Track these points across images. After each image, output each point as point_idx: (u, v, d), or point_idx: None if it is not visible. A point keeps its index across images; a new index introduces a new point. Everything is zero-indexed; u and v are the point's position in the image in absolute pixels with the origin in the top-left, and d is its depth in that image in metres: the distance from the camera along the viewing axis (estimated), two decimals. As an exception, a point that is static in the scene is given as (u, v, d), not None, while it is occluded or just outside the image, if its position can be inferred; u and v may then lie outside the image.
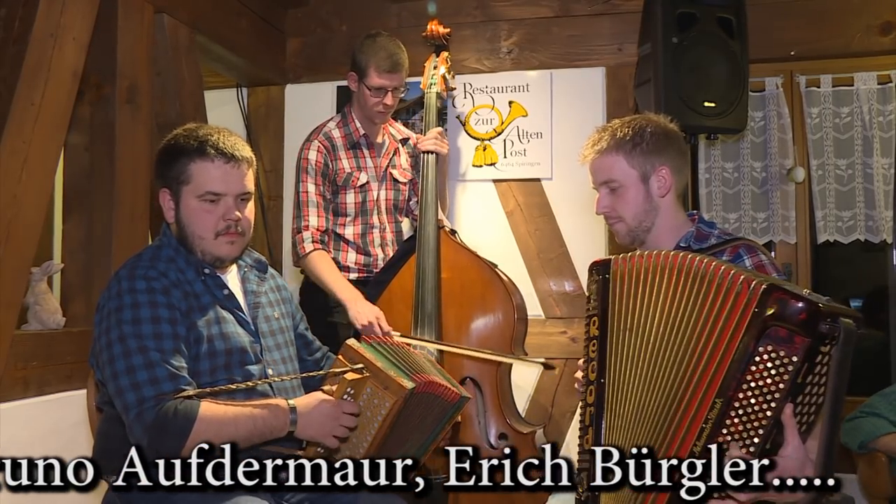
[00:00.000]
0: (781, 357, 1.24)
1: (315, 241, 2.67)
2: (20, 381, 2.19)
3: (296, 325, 1.99)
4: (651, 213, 1.77)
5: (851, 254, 3.78)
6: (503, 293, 2.57)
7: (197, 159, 1.71)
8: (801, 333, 1.23)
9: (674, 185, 1.77)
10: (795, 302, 1.24)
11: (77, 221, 2.53)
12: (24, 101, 2.16)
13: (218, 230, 1.74)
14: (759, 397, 1.26)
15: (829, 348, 1.24)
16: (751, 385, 1.27)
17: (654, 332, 1.44)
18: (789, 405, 1.25)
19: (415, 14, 3.52)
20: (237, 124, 3.66)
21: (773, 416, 1.26)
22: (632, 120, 1.80)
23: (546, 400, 3.33)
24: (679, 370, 1.38)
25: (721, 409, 1.28)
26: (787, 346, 1.24)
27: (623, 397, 1.48)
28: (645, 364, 1.45)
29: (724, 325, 1.32)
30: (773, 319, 1.25)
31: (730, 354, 1.30)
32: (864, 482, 2.78)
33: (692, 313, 1.39)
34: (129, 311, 1.62)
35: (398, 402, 1.69)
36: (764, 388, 1.26)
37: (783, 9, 3.24)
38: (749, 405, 1.27)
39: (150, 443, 1.53)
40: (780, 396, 1.25)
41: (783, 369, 1.24)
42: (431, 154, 2.79)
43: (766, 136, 3.33)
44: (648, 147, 1.75)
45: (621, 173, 1.76)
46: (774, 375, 1.25)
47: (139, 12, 2.64)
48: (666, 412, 1.39)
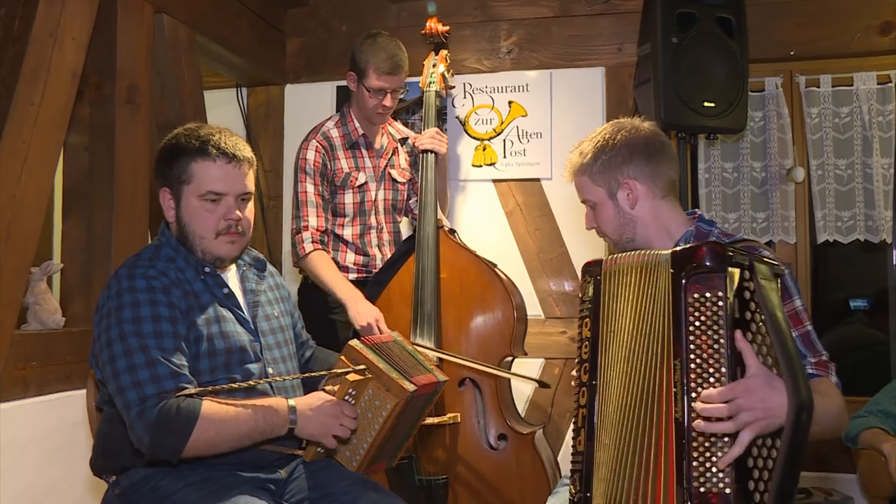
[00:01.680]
0: (708, 297, 1.37)
1: (315, 241, 2.67)
2: (20, 381, 2.19)
3: (294, 324, 2.00)
4: (628, 226, 1.75)
5: (851, 254, 3.78)
6: (503, 293, 2.57)
7: (199, 159, 1.72)
8: (714, 270, 1.37)
9: (647, 192, 1.73)
10: (699, 249, 1.39)
11: (77, 221, 2.53)
12: (23, 100, 2.16)
13: (219, 230, 1.74)
14: (706, 338, 1.36)
15: (751, 283, 1.37)
16: (696, 333, 1.37)
17: (629, 331, 1.48)
18: (738, 332, 1.34)
19: (414, 14, 3.52)
20: (237, 124, 3.66)
21: (726, 349, 1.34)
22: (598, 134, 1.78)
23: (545, 400, 3.33)
24: (646, 362, 1.43)
25: (682, 367, 1.36)
26: (709, 286, 1.37)
27: (609, 398, 1.49)
28: (623, 363, 1.48)
29: (658, 297, 1.43)
30: (687, 270, 1.39)
31: (671, 318, 1.40)
32: (864, 482, 2.78)
33: (644, 302, 1.46)
34: (130, 309, 1.62)
35: (399, 404, 1.70)
36: (707, 329, 1.36)
37: (783, 9, 3.24)
38: (702, 349, 1.36)
39: (152, 441, 1.53)
40: (724, 331, 1.34)
41: (715, 306, 1.36)
42: (430, 153, 2.79)
43: (766, 136, 3.33)
44: (609, 163, 1.73)
45: (592, 193, 1.77)
46: (711, 315, 1.36)
47: (139, 12, 2.64)
48: (643, 408, 1.42)
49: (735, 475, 1.30)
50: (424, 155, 2.79)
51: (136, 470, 1.66)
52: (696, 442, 1.33)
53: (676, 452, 1.34)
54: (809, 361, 1.58)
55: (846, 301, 4.18)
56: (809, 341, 1.60)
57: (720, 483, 1.30)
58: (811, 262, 3.37)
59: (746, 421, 1.30)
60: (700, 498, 1.30)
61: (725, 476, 1.31)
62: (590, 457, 1.50)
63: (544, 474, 2.44)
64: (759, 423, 1.31)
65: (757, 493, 1.31)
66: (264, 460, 1.73)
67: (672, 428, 1.36)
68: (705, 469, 1.32)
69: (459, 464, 2.49)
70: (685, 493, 1.31)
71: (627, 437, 1.44)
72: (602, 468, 1.47)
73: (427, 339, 2.52)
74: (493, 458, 2.49)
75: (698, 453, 1.33)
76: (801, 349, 1.59)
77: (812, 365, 1.58)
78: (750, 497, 1.30)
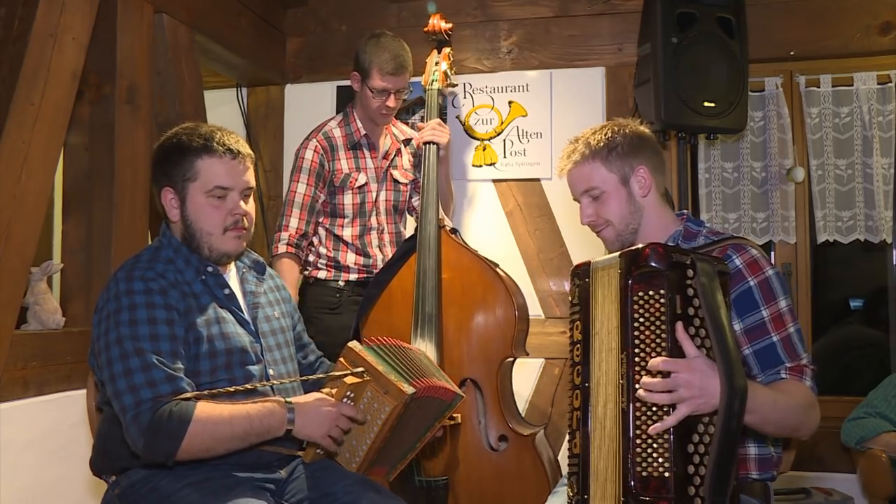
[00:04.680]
0: (651, 294, 1.44)
1: (290, 244, 2.68)
2: (19, 381, 2.19)
3: (294, 325, 1.99)
4: (636, 214, 1.78)
5: (851, 254, 3.78)
6: (504, 294, 2.56)
7: (204, 156, 1.73)
8: (657, 270, 1.43)
9: (654, 184, 1.78)
10: (643, 250, 1.46)
11: (77, 221, 2.53)
12: (23, 100, 2.16)
13: (226, 225, 1.76)
14: (649, 333, 1.43)
15: (692, 280, 1.42)
16: (639, 329, 1.44)
17: (611, 331, 1.50)
18: (679, 324, 1.41)
19: (414, 14, 3.52)
20: (237, 124, 3.66)
21: (667, 343, 1.42)
22: (602, 127, 1.82)
23: (545, 401, 3.33)
24: (619, 360, 1.46)
25: (628, 360, 1.44)
26: (652, 283, 1.44)
27: (599, 399, 1.50)
28: (608, 363, 1.50)
29: (615, 296, 1.49)
30: (633, 269, 1.46)
31: (619, 314, 1.47)
32: (864, 482, 2.78)
33: (609, 301, 1.51)
34: (127, 312, 1.62)
35: (398, 407, 1.69)
36: (650, 325, 1.43)
37: (783, 9, 3.24)
38: (646, 343, 1.44)
39: (145, 445, 1.53)
40: (666, 326, 1.42)
41: (657, 303, 1.43)
42: (432, 147, 2.73)
43: (766, 136, 3.33)
44: (624, 150, 1.77)
45: (601, 179, 1.78)
46: (654, 311, 1.43)
47: (139, 12, 2.64)
48: (613, 400, 1.46)
49: (674, 460, 1.38)
50: (427, 151, 2.75)
51: (136, 470, 1.66)
52: (639, 430, 1.40)
53: (622, 439, 1.42)
54: (785, 366, 1.59)
55: (846, 301, 4.18)
56: (790, 344, 1.60)
57: (660, 467, 1.38)
58: (811, 262, 3.37)
59: (683, 397, 1.38)
60: (641, 480, 1.38)
61: (665, 461, 1.38)
62: (585, 458, 1.50)
63: (545, 476, 2.43)
64: (694, 400, 1.38)
65: (697, 477, 1.38)
66: (264, 460, 1.72)
67: (620, 419, 1.43)
68: (647, 455, 1.39)
69: (460, 465, 2.49)
70: (629, 475, 1.39)
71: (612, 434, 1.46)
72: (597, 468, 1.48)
73: (428, 341, 2.52)
74: (493, 459, 2.48)
75: (641, 440, 1.40)
76: (780, 355, 1.60)
77: (787, 370, 1.59)
78: (690, 480, 1.37)
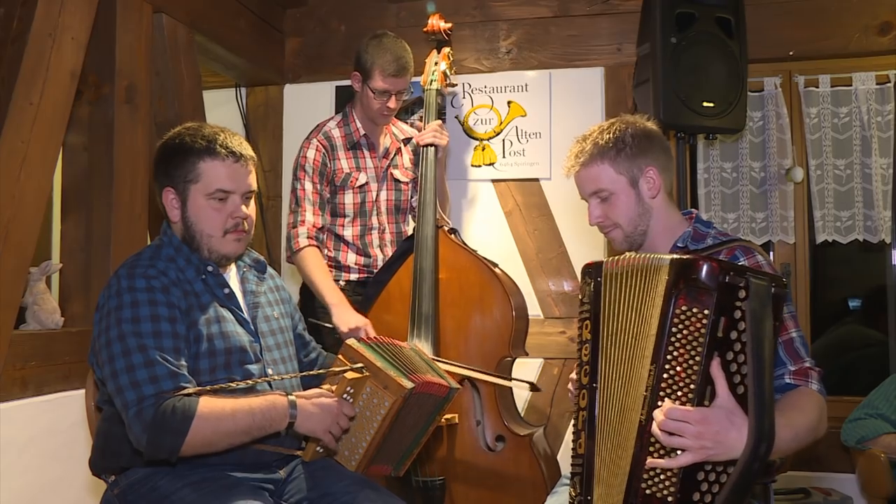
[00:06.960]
0: (695, 312, 1.36)
1: (310, 237, 2.65)
2: (19, 380, 2.19)
3: (294, 326, 2.00)
4: (645, 216, 1.75)
5: (850, 254, 3.78)
6: (501, 294, 2.56)
7: (207, 158, 1.73)
8: (706, 287, 1.36)
9: (662, 184, 1.75)
10: (696, 262, 1.38)
11: (76, 221, 2.53)
12: (22, 100, 2.16)
13: (227, 228, 1.75)
14: (684, 352, 1.36)
15: (743, 303, 1.35)
16: (675, 344, 1.37)
17: (628, 333, 1.48)
18: (716, 359, 1.34)
19: (414, 14, 3.52)
20: (236, 124, 3.66)
21: (700, 368, 1.35)
22: (611, 125, 1.77)
23: (544, 401, 3.33)
24: (639, 365, 1.44)
25: (655, 374, 1.38)
26: (698, 302, 1.36)
27: (608, 401, 1.49)
28: (622, 366, 1.48)
29: (654, 302, 1.43)
30: (681, 281, 1.38)
31: (657, 324, 1.40)
32: (864, 482, 2.79)
33: (642, 305, 1.46)
34: (129, 309, 1.62)
35: (398, 402, 1.70)
36: (686, 344, 1.36)
37: (782, 9, 3.24)
38: (677, 362, 1.37)
39: (149, 441, 1.53)
40: (702, 350, 1.34)
41: (699, 323, 1.35)
42: (431, 148, 2.74)
43: (765, 136, 3.33)
44: (632, 150, 1.73)
45: (609, 181, 1.74)
46: (693, 330, 1.36)
47: (138, 12, 2.64)
48: (633, 410, 1.43)
49: (681, 485, 1.34)
50: (425, 151, 2.76)
51: (136, 470, 1.66)
52: (652, 447, 1.37)
53: (634, 453, 1.39)
54: (789, 370, 1.56)
55: (845, 301, 4.19)
56: (793, 348, 1.59)
57: (665, 490, 1.35)
58: (810, 262, 3.37)
59: (689, 446, 1.34)
60: (643, 498, 1.36)
61: (672, 485, 1.35)
62: (590, 459, 1.49)
63: (542, 476, 2.43)
64: (705, 451, 1.34)
65: None
66: (263, 460, 1.73)
67: (635, 429, 1.40)
68: (655, 473, 1.36)
69: (457, 465, 2.48)
70: (632, 491, 1.37)
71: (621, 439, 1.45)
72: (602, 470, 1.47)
73: (424, 341, 2.52)
74: (490, 459, 2.48)
75: (651, 458, 1.37)
76: (783, 357, 1.57)
77: (791, 374, 1.56)
78: None
